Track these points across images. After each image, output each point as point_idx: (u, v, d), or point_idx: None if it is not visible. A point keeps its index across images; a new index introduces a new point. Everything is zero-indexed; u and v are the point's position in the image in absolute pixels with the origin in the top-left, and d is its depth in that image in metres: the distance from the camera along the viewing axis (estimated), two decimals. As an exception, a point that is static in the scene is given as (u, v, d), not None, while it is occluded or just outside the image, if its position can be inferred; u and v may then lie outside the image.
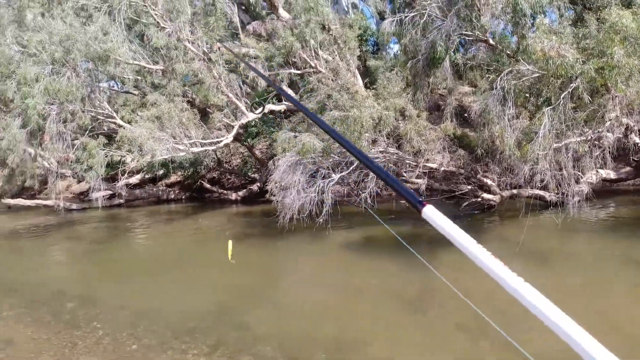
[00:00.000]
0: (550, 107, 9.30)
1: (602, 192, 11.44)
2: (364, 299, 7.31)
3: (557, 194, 10.10)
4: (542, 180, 9.74)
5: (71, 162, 14.42)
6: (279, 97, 15.82)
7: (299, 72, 13.75)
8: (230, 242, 4.91)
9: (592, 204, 10.61)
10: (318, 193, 10.33)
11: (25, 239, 13.29)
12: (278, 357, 5.48)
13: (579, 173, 10.23)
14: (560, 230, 9.15)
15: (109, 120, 14.97)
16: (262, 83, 15.52)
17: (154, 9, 13.24)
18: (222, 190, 18.40)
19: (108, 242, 13.12)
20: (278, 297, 7.86)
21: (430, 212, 0.92)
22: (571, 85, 9.00)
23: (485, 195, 11.23)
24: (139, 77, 15.97)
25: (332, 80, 12.05)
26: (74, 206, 17.53)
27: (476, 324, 5.90)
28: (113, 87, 18.72)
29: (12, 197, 18.06)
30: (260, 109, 14.84)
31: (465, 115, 13.73)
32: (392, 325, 6.20)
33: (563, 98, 9.08)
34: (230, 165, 19.68)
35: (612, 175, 11.69)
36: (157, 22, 13.33)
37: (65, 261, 11.78)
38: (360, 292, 7.61)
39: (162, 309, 7.31)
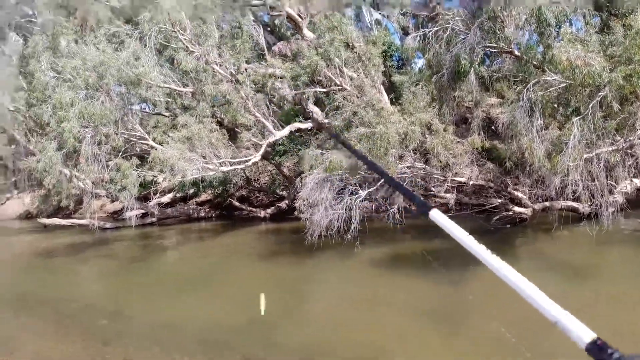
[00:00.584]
0: (579, 117, 9.17)
1: (638, 201, 11.12)
2: (392, 314, 7.28)
3: (591, 205, 9.87)
4: (574, 192, 9.55)
5: (105, 182, 14.83)
6: (305, 115, 16.04)
7: (324, 90, 13.90)
8: (262, 296, 5.81)
9: (627, 215, 10.32)
10: (346, 210, 10.37)
11: (60, 257, 13.70)
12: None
13: (612, 183, 9.99)
14: (595, 243, 8.92)
15: (142, 141, 15.39)
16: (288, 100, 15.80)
17: (182, 34, 13.66)
18: (250, 208, 18.59)
19: (140, 260, 13.43)
20: (306, 313, 7.90)
21: (436, 215, 1.04)
22: (599, 94, 8.87)
23: (517, 209, 11.05)
24: (169, 100, 16.40)
25: (358, 97, 12.14)
26: (108, 225, 17.99)
27: (505, 345, 5.82)
28: (145, 109, 19.25)
29: (48, 216, 18.66)
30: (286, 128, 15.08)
31: (493, 127, 13.60)
32: (419, 341, 6.16)
33: (592, 107, 8.94)
34: (259, 183, 19.91)
35: (647, 184, 11.37)
36: (186, 46, 13.74)
37: (98, 278, 12.10)
38: (388, 308, 7.58)
39: (191, 325, 7.44)
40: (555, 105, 10.41)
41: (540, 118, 9.66)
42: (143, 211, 17.88)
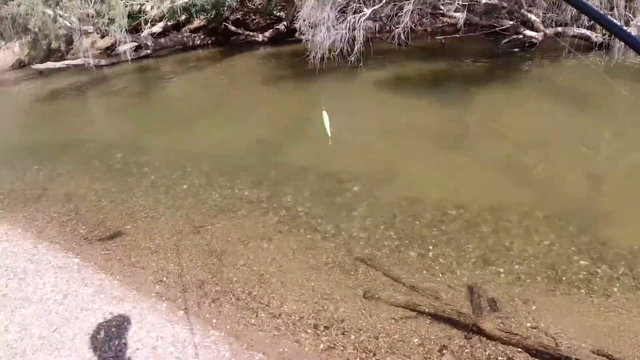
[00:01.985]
0: None
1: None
2: (397, 135, 7.39)
3: (604, 35, 9.36)
4: (590, 19, 8.90)
5: (92, 17, 13.94)
6: None
7: None
8: (325, 114, 4.07)
9: (639, 50, 9.72)
10: (349, 30, 9.83)
11: (64, 101, 13.57)
12: (316, 189, 5.83)
13: (630, 14, 9.26)
14: (603, 74, 8.58)
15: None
16: None
17: None
18: (247, 32, 17.75)
19: (144, 93, 13.32)
20: (313, 136, 8.04)
21: None
22: None
23: (528, 32, 10.41)
24: None
25: None
26: (103, 62, 17.43)
27: (507, 161, 5.98)
28: None
29: (41, 61, 18.01)
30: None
31: None
32: (424, 160, 6.34)
33: None
34: (254, 4, 18.68)
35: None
36: None
37: (107, 116, 12.14)
38: (393, 129, 7.66)
39: (205, 151, 7.70)
40: None
41: None
42: (136, 44, 17.15)
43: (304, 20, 10.57)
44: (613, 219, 4.54)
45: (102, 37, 18.65)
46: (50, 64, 17.30)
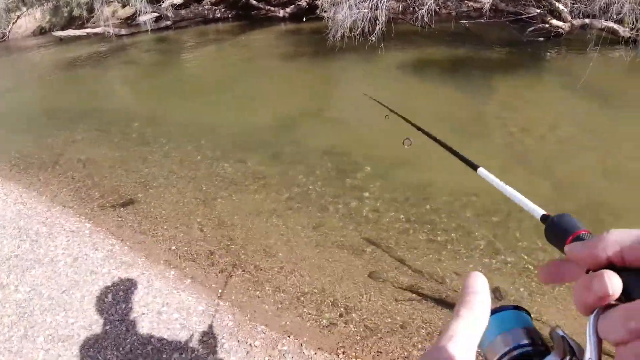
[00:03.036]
0: None
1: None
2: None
3: (632, 29, 9.08)
4: (618, 13, 8.67)
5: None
6: None
7: None
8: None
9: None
10: (371, 9, 9.69)
11: (83, 69, 13.64)
12: (329, 168, 5.82)
13: None
14: (628, 70, 8.36)
15: None
16: None
17: None
18: (269, 7, 17.60)
19: (163, 64, 13.32)
20: (329, 115, 8.01)
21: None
22: None
23: (554, 22, 10.14)
24: None
25: None
26: (123, 32, 17.44)
27: (523, 152, 5.90)
28: None
29: (62, 28, 18.06)
30: None
31: None
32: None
33: None
34: (276, -21, 18.48)
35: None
36: None
37: (125, 86, 12.20)
38: (412, 112, 7.56)
39: (221, 124, 7.71)
40: None
41: None
42: (156, 14, 17.12)
43: (326, -3, 10.45)
44: (625, 217, 4.47)
45: (123, 6, 18.64)
46: (70, 32, 17.36)
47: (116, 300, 3.70)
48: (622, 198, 4.81)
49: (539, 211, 0.70)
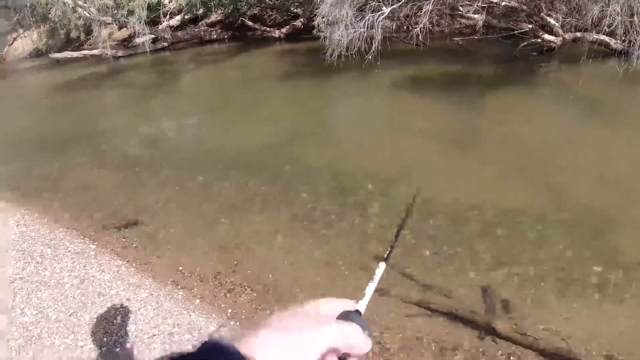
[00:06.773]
0: None
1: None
2: (412, 136, 7.40)
3: (624, 42, 9.29)
4: (609, 25, 8.87)
5: (111, 8, 14.07)
6: None
7: None
8: None
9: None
10: (367, 28, 9.84)
11: (80, 91, 13.70)
12: (331, 187, 5.85)
13: None
14: (620, 82, 8.52)
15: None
16: None
17: None
18: (264, 28, 17.81)
19: (160, 86, 13.42)
20: (327, 134, 8.08)
21: None
22: None
23: (546, 36, 10.33)
24: None
25: None
26: (120, 53, 17.58)
27: (521, 165, 5.97)
28: None
29: (59, 50, 18.18)
30: None
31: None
32: (438, 161, 6.34)
33: None
34: (272, 0, 18.73)
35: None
36: None
37: (123, 108, 12.25)
38: (408, 129, 7.67)
39: (220, 145, 7.74)
40: None
41: None
42: (153, 36, 17.29)
43: (323, 18, 10.59)
44: (626, 225, 4.53)
45: (120, 28, 18.82)
46: (67, 54, 17.48)
47: (125, 322, 3.70)
48: (622, 207, 4.87)
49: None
